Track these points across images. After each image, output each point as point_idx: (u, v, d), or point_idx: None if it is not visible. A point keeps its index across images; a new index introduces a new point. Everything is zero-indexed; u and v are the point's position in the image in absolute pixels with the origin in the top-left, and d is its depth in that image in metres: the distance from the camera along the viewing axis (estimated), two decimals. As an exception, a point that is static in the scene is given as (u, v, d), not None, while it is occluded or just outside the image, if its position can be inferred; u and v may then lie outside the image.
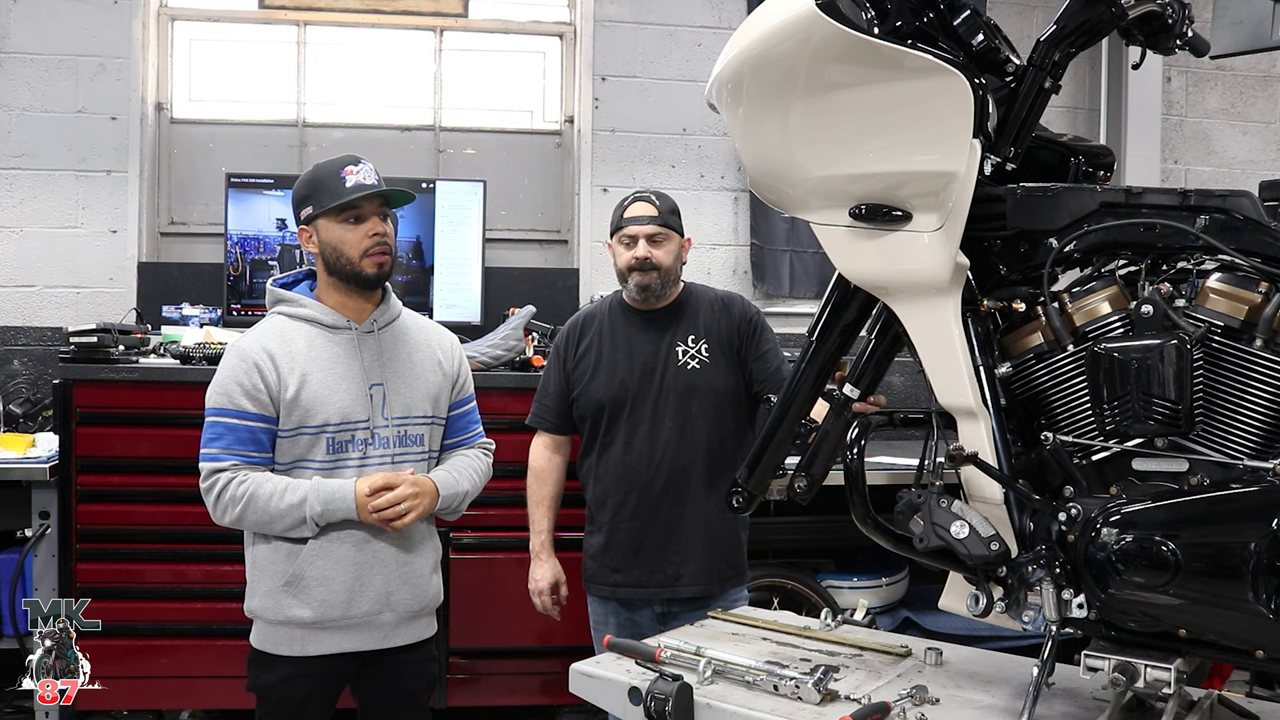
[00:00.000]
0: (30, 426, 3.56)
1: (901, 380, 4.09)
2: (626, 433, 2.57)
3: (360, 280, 2.12)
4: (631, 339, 2.61)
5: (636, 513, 2.56)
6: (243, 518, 2.03)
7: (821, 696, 1.62)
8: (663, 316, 2.61)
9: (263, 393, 2.05)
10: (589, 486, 2.66)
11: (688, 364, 2.56)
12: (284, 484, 2.03)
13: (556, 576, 2.69)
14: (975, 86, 1.55)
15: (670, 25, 4.38)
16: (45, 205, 4.03)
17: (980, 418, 1.62)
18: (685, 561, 2.54)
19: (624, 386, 2.57)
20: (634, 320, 2.63)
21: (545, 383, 2.73)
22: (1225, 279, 1.49)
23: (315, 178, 2.14)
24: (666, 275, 2.56)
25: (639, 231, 2.54)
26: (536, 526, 2.71)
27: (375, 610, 2.12)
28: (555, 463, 2.73)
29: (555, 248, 4.44)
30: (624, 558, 2.58)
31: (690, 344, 2.58)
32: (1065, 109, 4.62)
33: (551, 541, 2.71)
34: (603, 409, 2.59)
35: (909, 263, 1.67)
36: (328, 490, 2.04)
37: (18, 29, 4.00)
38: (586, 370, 2.62)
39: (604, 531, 2.61)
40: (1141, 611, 1.46)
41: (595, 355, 2.62)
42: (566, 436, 2.73)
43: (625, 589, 2.59)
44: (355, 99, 4.37)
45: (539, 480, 2.72)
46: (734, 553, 2.61)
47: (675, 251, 2.59)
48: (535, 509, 2.71)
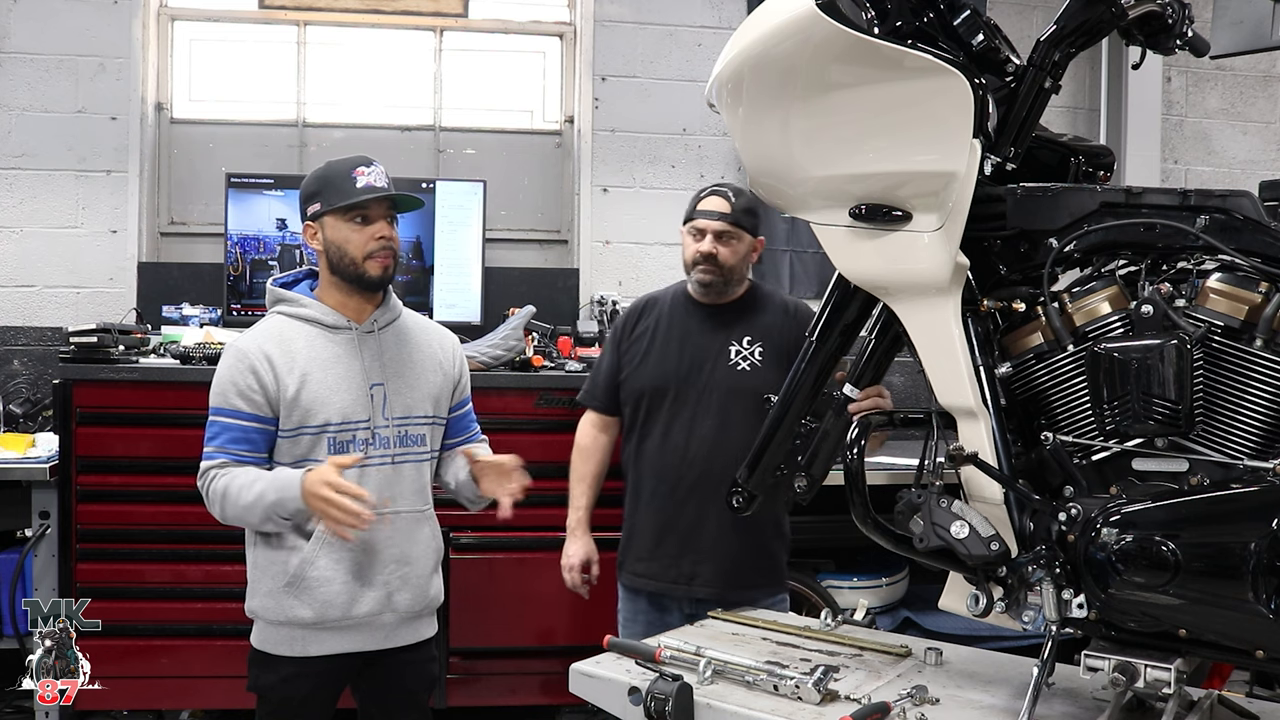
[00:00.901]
0: (30, 426, 3.55)
1: (901, 380, 4.08)
2: (664, 424, 2.54)
3: (363, 282, 2.12)
4: (688, 331, 2.56)
5: (664, 506, 2.53)
6: (225, 513, 2.04)
7: (821, 696, 1.62)
8: (723, 313, 2.57)
9: (258, 393, 2.04)
10: (627, 472, 2.65)
11: (738, 364, 2.51)
12: (251, 477, 2.01)
13: (588, 554, 2.66)
14: (975, 86, 1.56)
15: (670, 25, 4.37)
16: (45, 205, 4.02)
17: (980, 418, 1.63)
18: (702, 562, 2.49)
19: (668, 377, 2.53)
20: (694, 312, 2.59)
21: (599, 361, 2.72)
22: (1225, 279, 1.50)
23: (326, 175, 2.13)
24: (730, 274, 2.51)
25: (708, 226, 2.49)
26: (575, 503, 2.69)
27: (376, 611, 2.12)
28: (601, 442, 2.70)
29: (555, 248, 4.44)
30: (646, 548, 2.56)
31: (745, 345, 2.52)
32: (1065, 109, 4.62)
33: (588, 519, 2.68)
34: (644, 396, 2.56)
35: (909, 263, 1.67)
36: (281, 479, 1.99)
37: (18, 29, 4.00)
38: (637, 355, 2.60)
39: (632, 519, 2.61)
40: (1141, 611, 1.46)
41: (648, 341, 2.59)
42: (614, 417, 2.69)
43: (643, 579, 2.56)
44: (355, 99, 4.36)
45: (582, 457, 2.70)
46: (761, 562, 2.53)
47: (743, 252, 2.53)
48: (575, 485, 2.70)
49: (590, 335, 3.86)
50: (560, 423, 3.30)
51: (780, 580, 2.58)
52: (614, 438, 2.71)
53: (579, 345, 3.71)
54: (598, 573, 2.68)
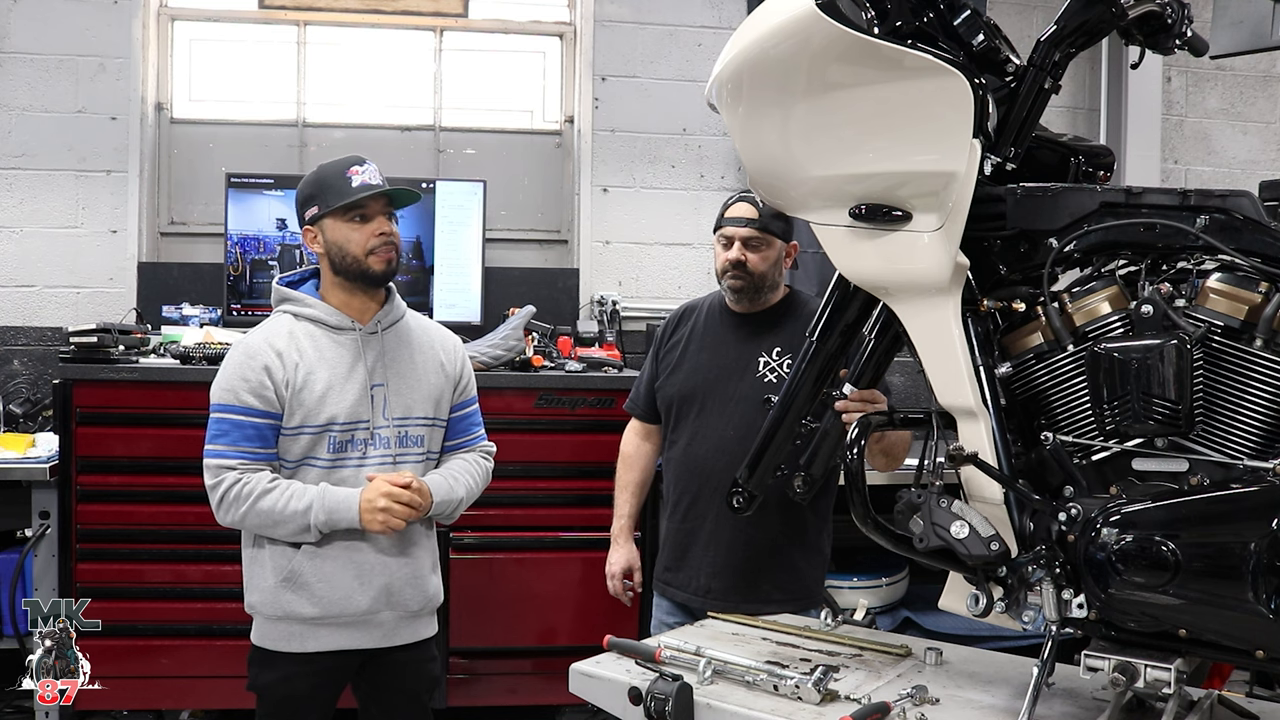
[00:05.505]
0: (30, 426, 3.56)
1: (901, 380, 4.08)
2: (690, 433, 2.51)
3: (367, 278, 2.12)
4: (720, 340, 2.53)
5: (687, 515, 2.51)
6: (245, 519, 2.03)
7: (821, 696, 1.62)
8: (756, 322, 2.52)
9: (269, 389, 2.05)
10: (664, 479, 2.64)
11: (765, 375, 2.44)
12: (290, 489, 2.03)
13: (630, 562, 2.65)
14: (975, 86, 1.55)
15: (670, 25, 4.37)
16: (45, 205, 4.02)
17: (980, 418, 1.62)
18: (717, 575, 2.45)
19: (697, 386, 2.51)
20: (728, 321, 2.55)
21: (643, 369, 2.70)
22: (1225, 279, 1.49)
23: (320, 178, 2.14)
24: (760, 281, 2.46)
25: (735, 234, 2.45)
26: (618, 510, 2.68)
27: (375, 608, 2.12)
28: (644, 450, 2.70)
29: (555, 248, 4.44)
30: (673, 558, 2.54)
31: (775, 356, 2.46)
32: (1065, 109, 4.61)
33: (631, 527, 2.67)
34: (675, 404, 2.54)
35: (909, 263, 1.67)
36: (332, 500, 2.04)
37: (18, 29, 4.00)
38: (671, 363, 2.58)
39: (664, 527, 2.61)
40: (1141, 611, 1.46)
41: (682, 349, 2.57)
42: (656, 425, 2.66)
43: (671, 589, 2.54)
44: (355, 99, 4.36)
45: (625, 466, 2.70)
46: (783, 577, 2.44)
47: (773, 258, 2.47)
48: (619, 494, 2.69)
49: (590, 335, 3.86)
50: (560, 423, 3.31)
51: (806, 596, 2.44)
52: (657, 445, 2.69)
53: (579, 345, 3.72)
54: (640, 580, 2.68)
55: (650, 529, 3.04)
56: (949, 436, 1.68)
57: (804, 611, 2.33)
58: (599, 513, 2.75)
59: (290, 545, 2.08)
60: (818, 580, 2.50)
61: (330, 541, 2.07)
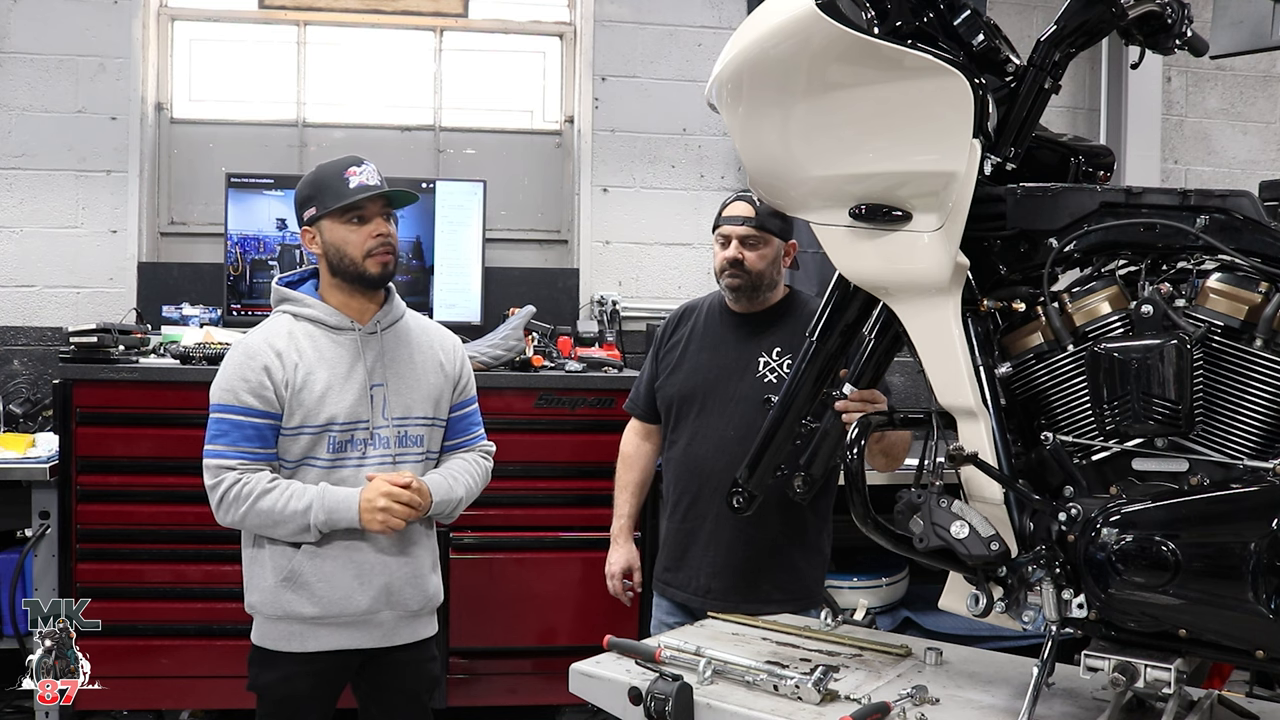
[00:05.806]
0: (30, 426, 3.56)
1: (901, 380, 4.08)
2: (690, 433, 2.51)
3: (365, 280, 2.13)
4: (720, 340, 2.53)
5: (687, 515, 2.51)
6: (245, 519, 2.04)
7: (821, 696, 1.62)
8: (755, 322, 2.51)
9: (269, 390, 2.05)
10: (664, 479, 2.64)
11: (765, 376, 2.44)
12: (290, 489, 2.03)
13: (630, 562, 2.66)
14: (975, 86, 1.55)
15: (670, 25, 4.37)
16: (45, 205, 4.02)
17: (980, 418, 1.62)
18: (716, 575, 2.45)
19: (697, 386, 2.50)
20: (727, 321, 2.55)
21: (642, 369, 2.70)
22: (1225, 279, 1.49)
23: (318, 179, 2.14)
24: (758, 280, 2.45)
25: (732, 232, 2.45)
26: (618, 511, 2.68)
27: (375, 608, 2.12)
28: (644, 450, 2.70)
29: (555, 248, 4.44)
30: (673, 558, 2.54)
31: (774, 356, 2.45)
32: (1065, 109, 4.61)
33: (630, 527, 2.67)
34: (674, 404, 2.54)
35: (909, 263, 1.67)
36: (332, 499, 2.04)
37: (18, 29, 4.00)
38: (671, 363, 2.58)
39: (664, 527, 2.61)
40: (1141, 611, 1.46)
41: (682, 349, 2.57)
42: (657, 425, 2.66)
43: (671, 589, 2.55)
44: (355, 99, 4.36)
45: (625, 465, 2.70)
46: (782, 577, 2.44)
47: (771, 256, 2.46)
48: (619, 494, 2.69)
49: (590, 335, 3.86)
50: (560, 423, 3.31)
51: (806, 596, 2.44)
52: (657, 445, 2.69)
53: (579, 345, 3.72)
54: (640, 580, 2.68)
55: (650, 529, 3.04)
56: (949, 436, 1.68)
57: (804, 611, 2.33)
58: (599, 513, 2.75)
59: (290, 545, 2.08)
60: (818, 580, 2.50)
61: (330, 541, 2.08)
